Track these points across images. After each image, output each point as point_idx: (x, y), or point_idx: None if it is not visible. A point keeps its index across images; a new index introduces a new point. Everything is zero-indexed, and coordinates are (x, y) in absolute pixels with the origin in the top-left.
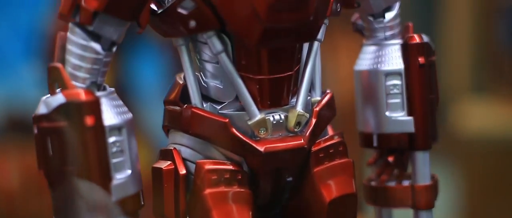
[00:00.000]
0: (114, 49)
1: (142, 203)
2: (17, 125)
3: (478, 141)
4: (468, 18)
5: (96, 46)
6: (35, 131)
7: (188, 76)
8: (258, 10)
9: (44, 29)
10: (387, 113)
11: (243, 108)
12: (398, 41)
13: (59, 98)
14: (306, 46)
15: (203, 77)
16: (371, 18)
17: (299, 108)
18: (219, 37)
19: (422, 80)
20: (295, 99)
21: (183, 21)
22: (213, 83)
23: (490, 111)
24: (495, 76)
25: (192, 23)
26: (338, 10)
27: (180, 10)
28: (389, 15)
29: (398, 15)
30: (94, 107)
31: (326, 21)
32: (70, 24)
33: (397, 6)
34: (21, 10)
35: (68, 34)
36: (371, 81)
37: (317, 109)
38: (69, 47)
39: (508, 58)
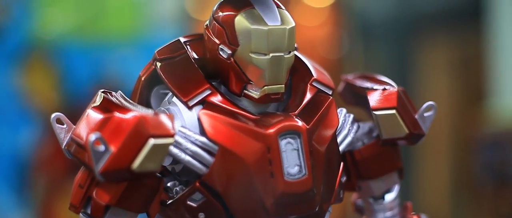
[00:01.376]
0: None
1: None
2: None
3: None
4: (445, 149)
5: None
6: None
7: None
8: (266, 204)
9: (26, 158)
10: None
11: None
12: None
13: None
14: None
15: None
16: (371, 200)
17: None
18: None
19: None
20: None
21: (192, 213)
22: None
23: None
24: (473, 209)
25: (201, 216)
26: (341, 196)
27: (189, 202)
28: (389, 197)
29: (397, 197)
30: None
31: (330, 209)
32: (81, 214)
33: (396, 188)
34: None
35: None
36: None
37: None
38: None
39: (487, 190)
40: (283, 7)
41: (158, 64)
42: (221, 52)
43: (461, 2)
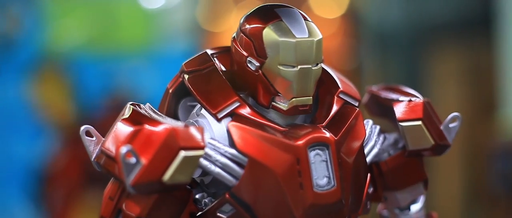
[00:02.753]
0: None
1: None
2: None
3: None
4: (458, 159)
5: None
6: None
7: None
8: (296, 215)
9: (41, 170)
10: None
11: None
12: None
13: None
14: None
15: None
16: (397, 211)
17: None
18: None
19: None
20: None
21: None
22: None
23: None
24: None
25: None
26: (368, 207)
27: (219, 214)
28: (414, 208)
29: (423, 207)
30: None
31: None
32: None
33: (422, 199)
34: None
35: None
36: None
37: None
38: None
39: (500, 200)
40: (310, 19)
41: (186, 76)
42: (249, 65)
43: (472, 12)
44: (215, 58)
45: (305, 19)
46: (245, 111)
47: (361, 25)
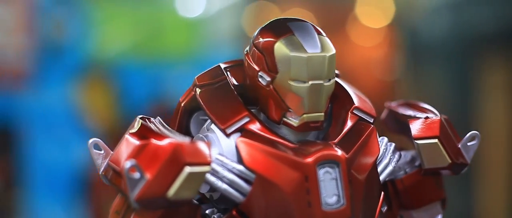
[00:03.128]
0: None
1: None
2: None
3: None
4: (504, 173)
5: None
6: None
7: None
8: None
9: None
10: None
11: None
12: None
13: None
14: None
15: None
16: None
17: None
18: None
19: None
20: None
21: None
22: None
23: None
24: None
25: None
26: None
27: None
28: None
29: None
30: None
31: None
32: None
33: (441, 217)
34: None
35: None
36: None
37: None
38: None
39: None
40: (324, 34)
41: (198, 90)
42: (260, 79)
43: None
44: (228, 72)
45: (319, 33)
46: (255, 127)
47: (407, 35)
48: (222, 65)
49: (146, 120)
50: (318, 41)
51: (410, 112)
